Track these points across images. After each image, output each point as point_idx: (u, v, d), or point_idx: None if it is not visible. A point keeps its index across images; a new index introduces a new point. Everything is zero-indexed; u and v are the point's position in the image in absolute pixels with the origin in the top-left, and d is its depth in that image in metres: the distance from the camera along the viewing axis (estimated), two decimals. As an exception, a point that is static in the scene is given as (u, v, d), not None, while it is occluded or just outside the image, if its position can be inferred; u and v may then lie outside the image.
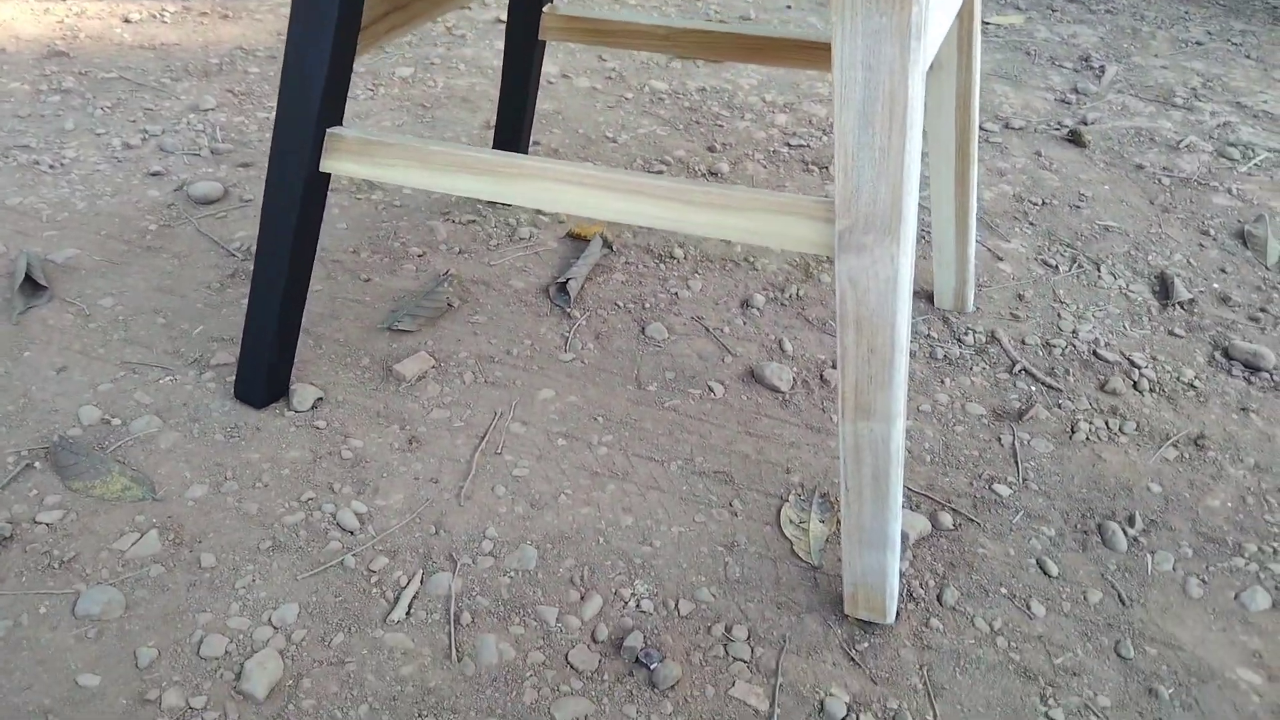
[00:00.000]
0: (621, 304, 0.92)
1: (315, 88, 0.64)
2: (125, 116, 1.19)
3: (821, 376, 0.85)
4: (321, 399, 0.78)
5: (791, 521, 0.70)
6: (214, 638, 0.58)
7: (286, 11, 1.53)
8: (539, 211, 1.06)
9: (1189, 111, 1.40)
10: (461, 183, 0.63)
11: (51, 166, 1.07)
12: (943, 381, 0.86)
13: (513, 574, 0.64)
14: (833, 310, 0.94)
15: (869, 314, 0.54)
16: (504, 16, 1.56)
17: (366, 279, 0.93)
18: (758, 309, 0.93)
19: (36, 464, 0.70)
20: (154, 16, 1.49)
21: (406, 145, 0.64)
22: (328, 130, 0.66)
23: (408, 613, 0.61)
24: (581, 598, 0.63)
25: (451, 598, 0.62)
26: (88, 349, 0.81)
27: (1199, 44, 1.66)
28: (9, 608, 0.59)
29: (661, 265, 0.99)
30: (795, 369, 0.85)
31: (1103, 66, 1.53)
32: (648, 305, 0.92)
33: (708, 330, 0.89)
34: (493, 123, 1.24)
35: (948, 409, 0.83)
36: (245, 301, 0.88)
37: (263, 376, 0.75)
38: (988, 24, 1.69)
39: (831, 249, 0.55)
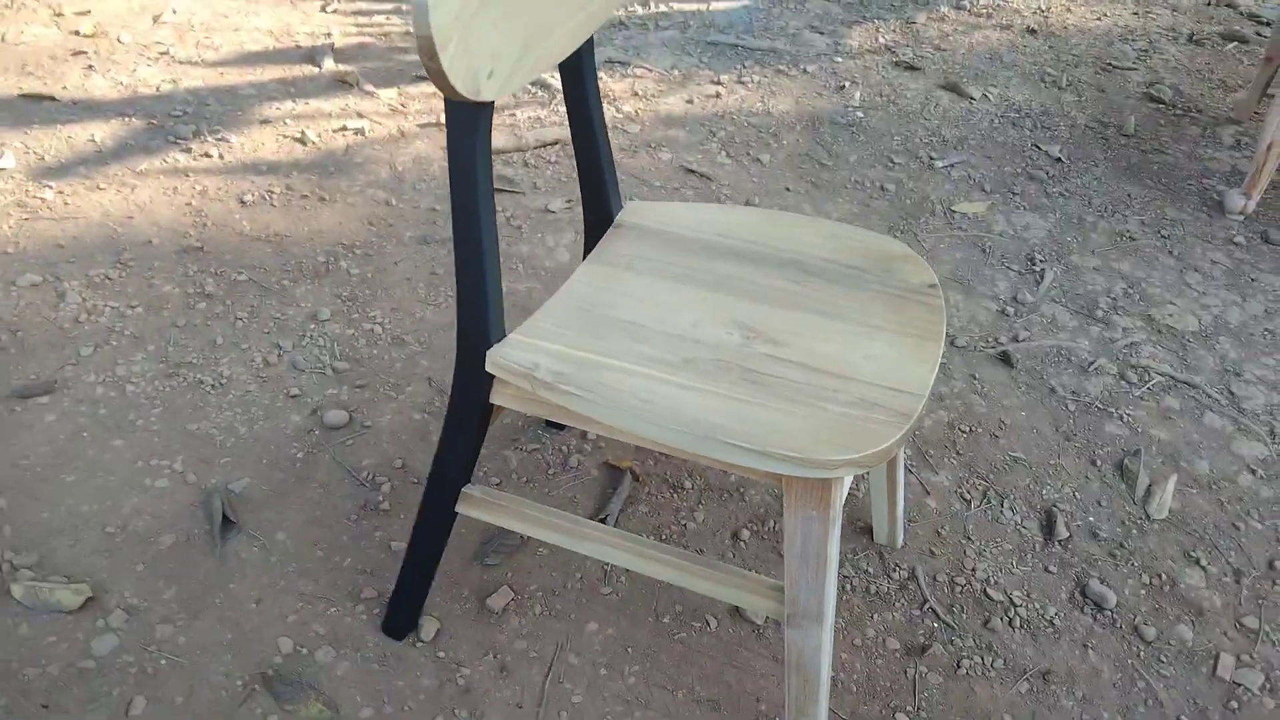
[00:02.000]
0: (645, 535, 1.26)
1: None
2: (260, 328, 1.52)
3: (786, 612, 1.20)
4: (439, 630, 1.12)
5: None
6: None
7: (373, 194, 1.85)
8: (584, 438, 1.40)
9: (1105, 327, 1.74)
10: (565, 540, 0.97)
11: (213, 386, 1.41)
12: (871, 617, 1.20)
13: (574, 786, 1.00)
14: (800, 544, 1.28)
15: (804, 661, 0.89)
16: (553, 206, 1.88)
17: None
18: (744, 542, 1.28)
19: (256, 688, 1.05)
20: (263, 198, 1.81)
21: (526, 514, 0.98)
22: (461, 491, 1.00)
23: (509, 816, 0.97)
24: (618, 805, 0.99)
25: (536, 805, 0.98)
26: (273, 582, 1.16)
27: (1132, 239, 1.98)
28: (262, 808, 0.95)
29: (675, 495, 1.33)
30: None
31: (1043, 271, 1.86)
32: (664, 537, 1.27)
33: (707, 565, 1.24)
34: (546, 335, 1.57)
35: (873, 643, 1.17)
36: (378, 534, 1.23)
37: (403, 616, 1.10)
38: (953, 211, 2.01)
39: (782, 616, 0.90)
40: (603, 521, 1.28)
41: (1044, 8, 2.97)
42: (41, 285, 1.54)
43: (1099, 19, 2.94)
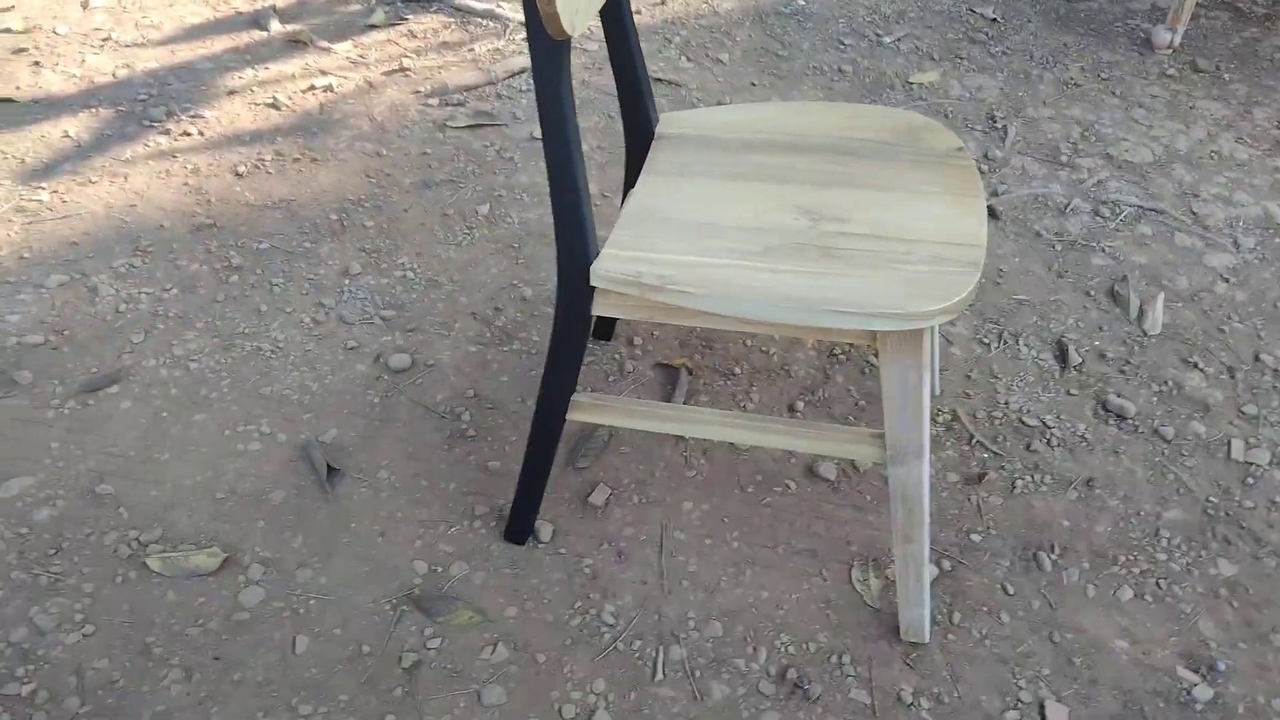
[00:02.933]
0: (712, 422, 1.37)
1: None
2: (298, 290, 1.57)
3: (854, 465, 1.32)
4: (554, 531, 1.23)
5: (859, 580, 1.19)
6: (566, 705, 1.05)
7: (361, 148, 1.89)
8: (631, 344, 1.49)
9: (1072, 170, 1.87)
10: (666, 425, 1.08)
11: (273, 351, 1.46)
12: (932, 455, 1.34)
13: (713, 640, 1.12)
14: (850, 405, 1.40)
15: (909, 492, 1.01)
16: (538, 133, 1.93)
17: (540, 427, 1.36)
18: (800, 413, 1.40)
19: (405, 608, 1.14)
20: (257, 167, 1.83)
21: (636, 410, 1.08)
22: (571, 399, 1.09)
23: (663, 674, 1.09)
24: (753, 650, 1.11)
25: (684, 660, 1.10)
26: (390, 514, 1.24)
27: (1077, 85, 2.11)
28: (443, 706, 1.05)
29: (729, 382, 1.44)
30: (837, 462, 1.32)
31: (1005, 127, 1.98)
32: (729, 419, 1.38)
33: (774, 437, 1.36)
34: (568, 256, 1.64)
35: (936, 479, 1.31)
36: (471, 458, 1.31)
37: (523, 523, 1.20)
38: (910, 83, 2.12)
39: (884, 460, 1.02)
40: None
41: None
42: (70, 284, 1.56)
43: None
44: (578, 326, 1.03)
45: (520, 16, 2.30)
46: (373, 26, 2.26)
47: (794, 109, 1.21)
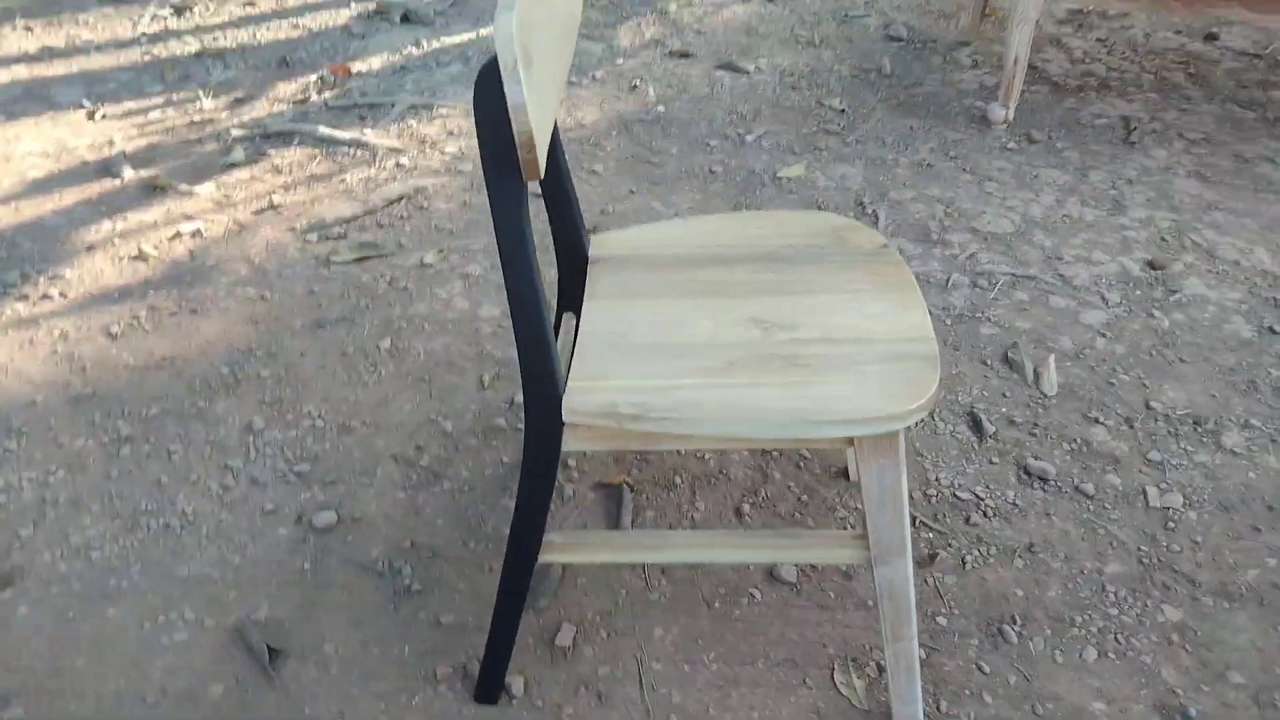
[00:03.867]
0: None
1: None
2: (199, 455, 1.47)
3: (813, 566, 1.32)
4: (525, 682, 1.17)
5: (843, 683, 1.18)
6: None
7: (243, 294, 1.80)
8: (566, 466, 1.46)
9: (944, 246, 1.98)
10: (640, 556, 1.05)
11: (183, 526, 1.36)
12: (880, 545, 1.35)
13: (713, 772, 1.08)
14: (794, 502, 1.41)
15: (895, 591, 1.01)
16: (428, 260, 1.90)
17: (492, 569, 1.31)
18: (748, 516, 1.39)
19: (383, 792, 1.05)
20: (133, 325, 1.72)
21: (615, 543, 1.05)
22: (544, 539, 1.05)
23: (671, 818, 1.04)
24: (756, 774, 1.08)
25: (689, 800, 1.05)
26: (345, 693, 1.15)
27: (930, 166, 2.24)
28: None
29: (671, 493, 1.42)
30: (795, 564, 1.32)
31: (874, 211, 2.08)
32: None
33: (727, 546, 1.34)
34: (486, 381, 1.61)
35: (891, 566, 1.32)
36: (421, 614, 1.24)
37: (495, 680, 1.13)
38: (779, 178, 2.20)
39: (868, 560, 1.02)
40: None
41: (772, -24, 3.23)
42: (-66, 478, 1.41)
43: (820, -22, 3.23)
44: (549, 465, 0.99)
45: (389, 143, 2.27)
46: (234, 165, 2.19)
47: (720, 221, 1.23)
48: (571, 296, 1.22)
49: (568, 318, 1.24)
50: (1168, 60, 2.70)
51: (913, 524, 1.39)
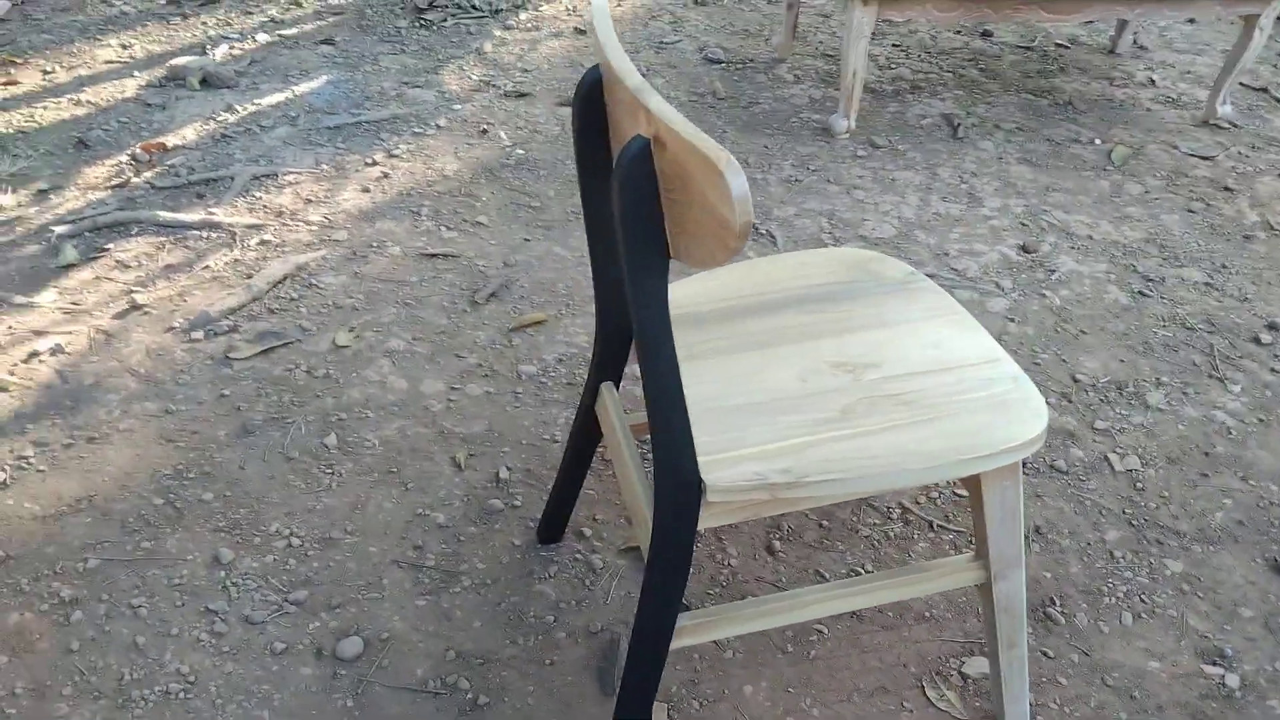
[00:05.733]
0: (714, 587, 1.32)
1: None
2: (170, 604, 1.28)
3: (858, 587, 1.34)
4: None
5: (937, 698, 1.20)
6: None
7: (142, 409, 1.58)
8: (582, 536, 1.40)
9: (843, 256, 2.06)
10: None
11: (185, 690, 1.18)
12: (908, 553, 1.39)
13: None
14: (820, 532, 1.42)
15: (1011, 603, 1.05)
16: (341, 341, 1.75)
17: (552, 662, 1.22)
18: (780, 552, 1.39)
19: None
20: (23, 468, 1.47)
21: (743, 613, 1.01)
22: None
23: None
24: (901, 810, 1.08)
25: None
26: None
27: (799, 181, 2.33)
28: None
29: (700, 545, 1.39)
30: (843, 590, 1.33)
31: (769, 232, 2.14)
32: (722, 582, 1.33)
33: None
34: (461, 461, 1.51)
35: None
36: (502, 728, 1.15)
37: (617, 783, 1.06)
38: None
39: (988, 579, 1.05)
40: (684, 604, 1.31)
41: (573, 8, 3.24)
42: None
43: (618, 4, 3.28)
44: (687, 550, 0.95)
45: (244, 220, 2.08)
46: (68, 266, 1.93)
47: (741, 272, 1.22)
48: (613, 368, 1.17)
49: (606, 388, 1.18)
50: (959, 59, 2.95)
51: (930, 528, 1.44)
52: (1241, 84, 2.84)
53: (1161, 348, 1.81)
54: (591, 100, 0.95)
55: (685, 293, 1.17)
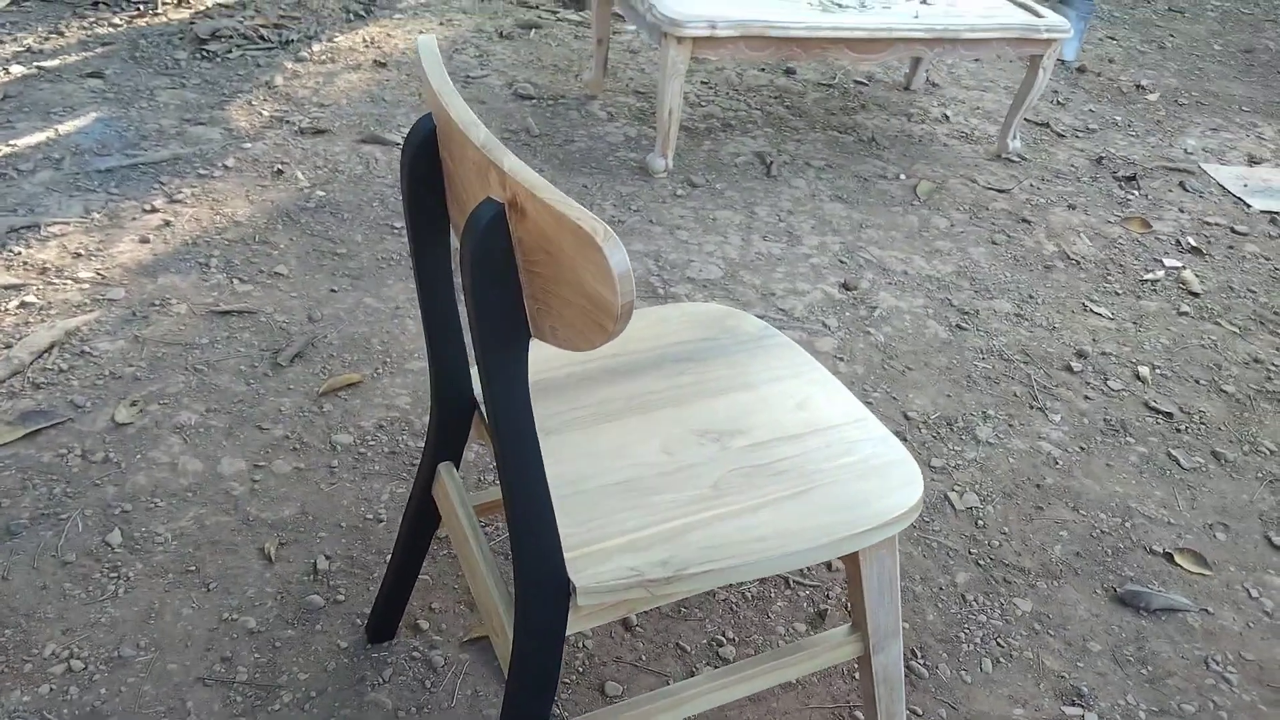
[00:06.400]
0: (635, 685, 1.21)
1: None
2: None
3: (721, 659, 1.26)
4: None
5: (815, 775, 1.14)
6: None
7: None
8: (418, 630, 1.26)
9: (673, 300, 2.01)
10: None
11: None
12: (770, 614, 1.33)
13: None
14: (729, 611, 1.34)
15: (890, 673, 1.00)
16: (121, 417, 1.53)
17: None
18: (729, 646, 1.30)
19: None
20: None
21: (631, 712, 0.91)
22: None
23: None
24: None
25: None
26: None
27: (621, 221, 2.27)
28: None
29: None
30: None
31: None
32: (663, 672, 1.23)
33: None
34: (270, 552, 1.33)
35: (787, 634, 1.31)
36: None
37: None
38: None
39: (866, 651, 1.00)
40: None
41: (371, 40, 3.07)
42: None
43: (419, 33, 3.13)
44: (556, 660, 0.84)
45: (5, 280, 1.80)
46: None
47: (585, 329, 1.12)
48: (453, 447, 1.04)
49: (446, 469, 1.06)
50: (766, 96, 2.99)
51: (786, 585, 1.39)
52: (1026, 119, 3.02)
53: (984, 380, 1.85)
54: (424, 155, 0.84)
55: (536, 356, 1.07)
